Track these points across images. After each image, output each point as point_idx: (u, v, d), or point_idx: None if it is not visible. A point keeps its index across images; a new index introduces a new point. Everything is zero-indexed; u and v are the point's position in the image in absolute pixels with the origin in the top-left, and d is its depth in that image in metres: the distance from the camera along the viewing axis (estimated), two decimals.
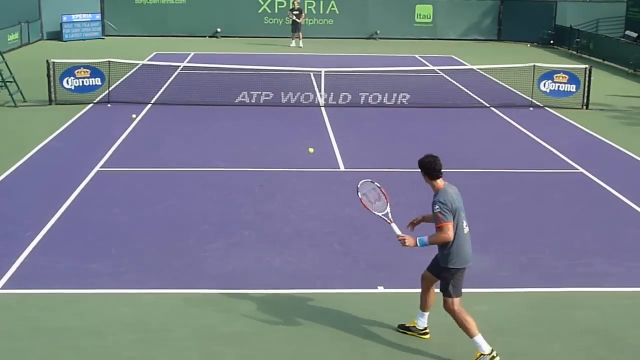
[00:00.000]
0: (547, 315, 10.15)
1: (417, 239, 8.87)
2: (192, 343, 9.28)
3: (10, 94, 22.81)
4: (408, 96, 24.22)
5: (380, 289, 10.85)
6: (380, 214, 9.32)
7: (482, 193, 15.20)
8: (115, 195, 14.83)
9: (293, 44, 39.38)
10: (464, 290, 10.66)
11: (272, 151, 18.13)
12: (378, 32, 43.64)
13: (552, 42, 41.01)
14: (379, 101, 23.94)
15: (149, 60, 31.81)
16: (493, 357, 8.68)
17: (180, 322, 9.80)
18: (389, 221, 9.24)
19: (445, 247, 8.78)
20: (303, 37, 39.61)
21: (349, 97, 24.06)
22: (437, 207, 8.70)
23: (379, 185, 9.57)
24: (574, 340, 9.48)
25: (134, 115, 20.88)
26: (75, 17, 40.36)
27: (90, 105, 22.91)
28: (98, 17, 41.61)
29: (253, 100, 23.79)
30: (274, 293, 10.69)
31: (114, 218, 13.54)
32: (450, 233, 8.66)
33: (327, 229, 13.13)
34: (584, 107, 23.82)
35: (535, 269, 11.66)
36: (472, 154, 18.22)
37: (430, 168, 8.97)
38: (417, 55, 36.36)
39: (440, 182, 8.95)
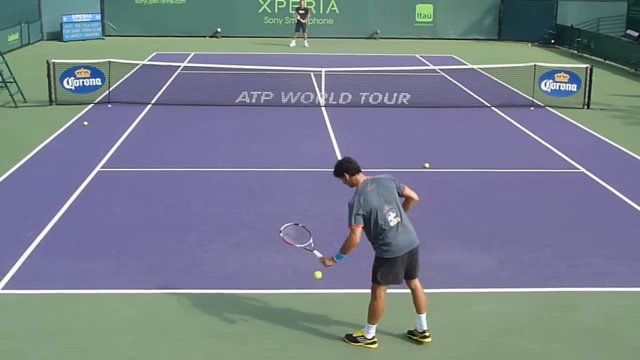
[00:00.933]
0: (549, 315, 10.14)
1: (334, 255, 9.08)
2: (193, 343, 9.29)
3: (11, 95, 22.81)
4: (409, 96, 24.20)
5: None
6: (301, 246, 9.56)
7: (483, 193, 15.21)
8: (116, 195, 14.84)
9: (293, 43, 39.32)
10: (464, 290, 10.70)
11: (272, 151, 18.13)
12: (378, 31, 43.64)
13: (552, 41, 40.99)
14: (379, 101, 23.93)
15: (149, 61, 31.81)
16: (373, 342, 9.12)
17: (182, 322, 9.81)
18: (310, 250, 9.50)
19: (373, 241, 8.95)
20: (300, 37, 39.62)
21: (350, 97, 24.05)
22: (348, 209, 8.87)
23: (302, 225, 9.89)
24: (576, 340, 9.47)
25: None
26: (75, 18, 40.36)
27: (91, 105, 22.91)
28: (98, 17, 41.60)
29: (253, 101, 23.78)
30: (275, 293, 10.69)
31: (115, 218, 13.55)
32: (354, 237, 8.78)
33: (328, 229, 13.09)
34: (585, 106, 23.80)
35: (537, 269, 11.66)
36: (473, 154, 18.22)
37: (344, 169, 9.11)
38: (417, 55, 36.36)
39: (359, 178, 9.04)
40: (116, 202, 14.41)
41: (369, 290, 10.72)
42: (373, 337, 9.14)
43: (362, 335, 9.17)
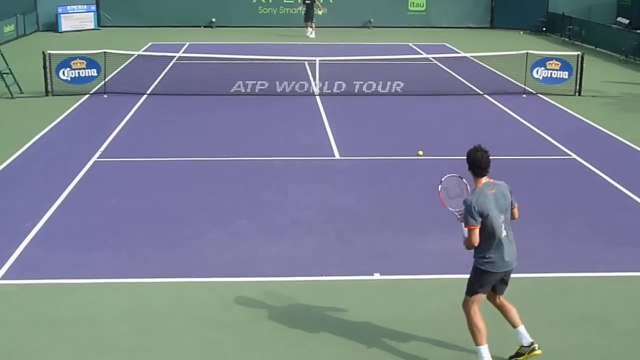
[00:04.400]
0: (541, 301, 10.25)
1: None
2: (190, 332, 9.35)
3: (7, 86, 22.87)
4: (402, 84, 24.31)
5: (377, 276, 10.92)
6: (454, 210, 8.83)
7: None
8: (112, 185, 14.90)
9: (308, 33, 39.17)
10: (461, 276, 10.75)
11: (267, 140, 18.21)
12: (372, 20, 43.68)
13: (544, 29, 41.15)
14: (373, 89, 24.03)
15: (144, 51, 31.86)
16: None
17: (178, 311, 9.87)
18: (460, 220, 8.57)
19: (479, 248, 8.32)
20: (295, 27, 39.64)
21: (344, 85, 24.14)
22: (464, 208, 8.26)
23: (465, 182, 9.14)
24: (568, 326, 9.56)
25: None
26: (70, 9, 40.40)
27: (87, 96, 22.97)
28: (93, 8, 41.66)
29: (248, 90, 23.85)
30: (271, 281, 10.77)
31: (111, 208, 13.62)
32: (473, 238, 8.16)
33: (323, 218, 13.22)
34: (577, 93, 23.96)
35: (529, 255, 11.67)
36: (466, 141, 18.13)
37: (475, 164, 8.55)
38: (410, 44, 36.42)
39: (482, 181, 8.48)
40: (112, 192, 14.48)
41: (365, 277, 10.88)
42: None
43: None
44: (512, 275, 10.78)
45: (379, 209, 13.72)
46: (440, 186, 9.02)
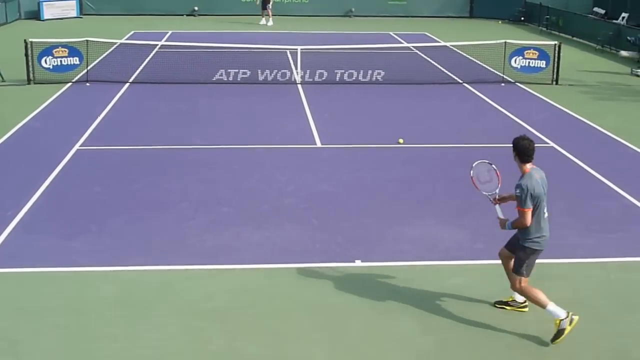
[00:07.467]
0: None
1: (507, 223, 9.15)
2: (173, 319, 9.42)
3: None
4: (383, 73, 24.41)
5: (358, 263, 11.04)
6: (487, 194, 9.63)
7: (456, 167, 15.41)
8: (95, 173, 14.93)
9: (263, 21, 39.39)
10: (440, 262, 10.94)
11: (249, 128, 18.27)
12: (353, 10, 43.73)
13: (522, 19, 41.47)
14: (354, 78, 24.13)
15: (127, 39, 31.80)
16: (572, 319, 8.86)
17: (161, 298, 9.94)
18: (494, 202, 9.53)
19: (530, 229, 8.94)
20: (274, 15, 39.67)
21: (325, 74, 24.22)
22: (517, 191, 8.87)
23: (495, 167, 9.78)
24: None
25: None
26: None
27: (69, 84, 22.95)
28: None
29: (230, 78, 23.88)
30: (254, 268, 10.87)
31: (94, 196, 13.65)
32: (527, 219, 8.85)
33: (305, 205, 13.32)
34: (554, 82, 24.24)
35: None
36: (446, 129, 18.46)
37: (522, 151, 9.10)
38: (391, 33, 36.50)
39: (528, 166, 9.07)
40: (95, 180, 14.50)
41: (346, 264, 10.99)
42: (567, 313, 8.92)
43: (560, 320, 8.88)
44: (494, 262, 10.95)
45: (360, 196, 13.84)
46: (472, 171, 9.71)
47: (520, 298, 9.58)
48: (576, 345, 8.90)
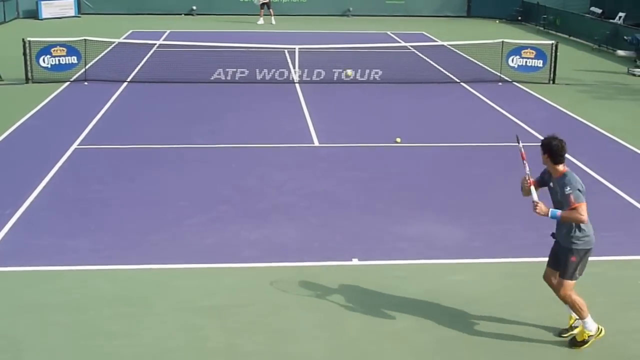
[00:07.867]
0: (518, 284, 10.43)
1: (550, 209, 8.66)
2: (172, 317, 9.43)
3: None
4: (380, 72, 24.44)
5: (355, 261, 11.06)
6: (527, 172, 9.18)
7: (454, 166, 15.50)
8: (94, 172, 14.95)
9: (261, 21, 39.38)
10: (437, 261, 10.95)
11: (248, 127, 18.31)
12: (351, 9, 43.76)
13: (520, 18, 41.53)
14: (352, 77, 24.14)
15: (125, 38, 31.82)
16: (600, 331, 8.85)
17: (161, 296, 9.96)
18: (529, 183, 9.10)
19: (576, 229, 8.68)
20: (275, 15, 39.69)
21: (323, 73, 24.24)
22: (568, 189, 8.54)
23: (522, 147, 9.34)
24: (544, 308, 9.71)
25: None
26: None
27: (67, 83, 22.97)
28: None
29: (229, 78, 23.91)
30: (252, 267, 10.89)
31: (93, 195, 13.67)
32: (584, 214, 8.54)
33: (303, 203, 13.35)
34: (551, 81, 24.28)
35: (507, 240, 11.94)
36: (443, 129, 18.50)
37: (556, 152, 8.80)
38: (389, 32, 36.52)
39: (561, 167, 8.79)
40: (94, 178, 14.52)
41: (344, 263, 10.99)
42: (598, 328, 8.89)
43: (589, 335, 8.84)
44: (491, 260, 10.98)
45: (358, 195, 13.87)
46: (520, 144, 9.34)
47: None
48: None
